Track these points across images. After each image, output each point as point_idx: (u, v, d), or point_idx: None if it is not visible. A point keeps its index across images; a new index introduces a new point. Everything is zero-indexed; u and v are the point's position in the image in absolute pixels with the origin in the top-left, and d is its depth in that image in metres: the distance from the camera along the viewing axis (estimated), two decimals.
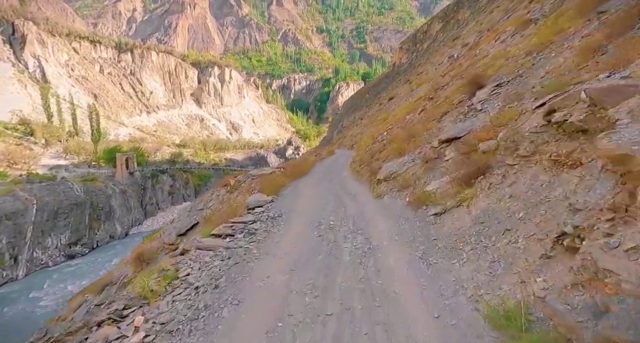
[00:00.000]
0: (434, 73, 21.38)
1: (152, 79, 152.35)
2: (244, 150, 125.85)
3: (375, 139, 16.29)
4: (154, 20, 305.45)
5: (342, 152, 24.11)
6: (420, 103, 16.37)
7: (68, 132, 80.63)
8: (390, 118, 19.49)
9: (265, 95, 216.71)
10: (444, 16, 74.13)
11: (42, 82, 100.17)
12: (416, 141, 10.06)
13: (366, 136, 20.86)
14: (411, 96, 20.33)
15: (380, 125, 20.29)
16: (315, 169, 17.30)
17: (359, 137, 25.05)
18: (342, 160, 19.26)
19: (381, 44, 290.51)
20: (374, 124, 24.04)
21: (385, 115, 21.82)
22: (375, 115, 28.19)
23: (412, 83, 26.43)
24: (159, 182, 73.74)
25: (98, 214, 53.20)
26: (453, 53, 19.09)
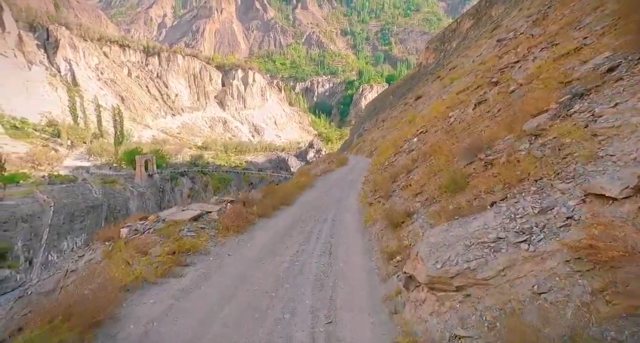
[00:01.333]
0: (472, 65, 18.34)
1: (178, 81, 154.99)
2: (265, 152, 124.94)
3: (400, 147, 13.11)
4: (182, 25, 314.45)
5: (358, 161, 21.34)
6: (466, 96, 12.38)
7: (93, 133, 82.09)
8: (418, 119, 16.58)
9: (288, 98, 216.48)
10: (475, 13, 69.78)
11: (72, 85, 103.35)
12: (498, 163, 4.90)
13: (387, 142, 17.95)
14: (445, 92, 17.42)
15: (406, 127, 17.45)
16: (307, 193, 13.08)
17: (379, 142, 22.26)
18: (352, 177, 16.09)
19: (406, 45, 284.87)
20: (397, 127, 21.21)
21: (411, 115, 18.97)
22: (399, 116, 25.25)
23: (443, 79, 23.31)
24: (178, 184, 73.32)
25: (115, 217, 52.57)
26: (503, 36, 16.06)
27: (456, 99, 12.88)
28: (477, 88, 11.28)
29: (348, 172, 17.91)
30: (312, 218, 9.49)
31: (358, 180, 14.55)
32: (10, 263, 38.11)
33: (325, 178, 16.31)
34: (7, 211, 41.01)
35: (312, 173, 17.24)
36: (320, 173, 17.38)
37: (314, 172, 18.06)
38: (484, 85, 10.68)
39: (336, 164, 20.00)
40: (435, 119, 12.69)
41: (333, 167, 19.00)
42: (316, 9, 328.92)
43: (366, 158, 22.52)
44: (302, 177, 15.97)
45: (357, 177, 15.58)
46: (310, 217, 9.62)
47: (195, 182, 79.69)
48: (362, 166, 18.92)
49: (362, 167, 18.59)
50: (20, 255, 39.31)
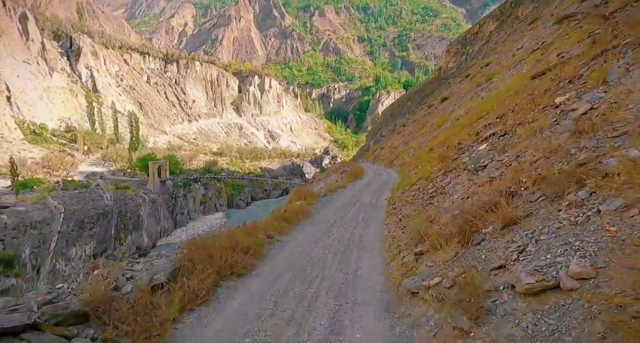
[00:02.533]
0: (519, 56, 15.88)
1: (195, 88, 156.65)
2: (280, 159, 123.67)
3: (451, 159, 8.87)
4: (202, 33, 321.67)
5: (376, 173, 18.34)
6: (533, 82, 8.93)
7: (109, 139, 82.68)
8: (453, 121, 14.16)
9: (304, 104, 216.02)
10: (500, 15, 66.66)
11: (92, 91, 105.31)
12: None
13: (415, 150, 15.54)
14: (484, 90, 14.94)
15: (434, 131, 15.15)
16: (294, 235, 8.65)
17: (401, 150, 19.82)
18: (369, 199, 12.64)
19: (424, 51, 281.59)
20: (421, 132, 18.87)
21: (440, 119, 16.58)
22: (422, 120, 22.77)
23: (475, 77, 20.86)
24: (191, 191, 72.49)
25: (125, 224, 51.92)
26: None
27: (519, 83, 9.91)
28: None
29: (363, 190, 14.51)
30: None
31: (378, 206, 11.40)
32: (17, 271, 37.35)
33: (331, 201, 12.65)
34: (17, 217, 40.52)
35: (314, 192, 13.67)
36: (325, 193, 13.84)
37: (319, 188, 15.62)
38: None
39: (348, 177, 16.55)
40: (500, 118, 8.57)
41: (344, 182, 15.41)
42: (333, 16, 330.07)
43: (385, 168, 19.82)
44: (298, 200, 12.37)
45: (377, 199, 12.47)
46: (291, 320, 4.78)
47: (208, 188, 78.81)
48: (383, 181, 16.12)
49: (383, 182, 15.78)
50: (27, 263, 38.55)
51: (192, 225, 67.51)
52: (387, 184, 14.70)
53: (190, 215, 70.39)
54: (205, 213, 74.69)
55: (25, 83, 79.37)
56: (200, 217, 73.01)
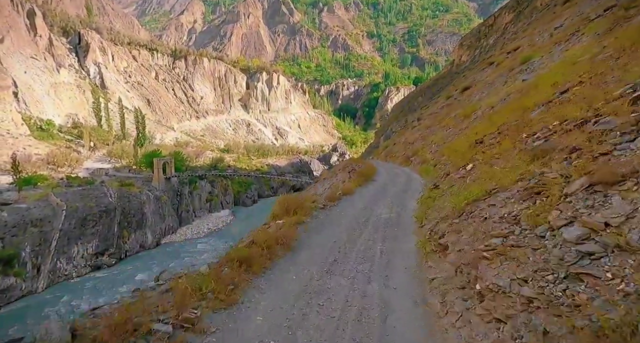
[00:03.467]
0: (551, 38, 13.91)
1: (203, 84, 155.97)
2: (287, 156, 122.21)
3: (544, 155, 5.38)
4: (211, 30, 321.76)
5: (391, 173, 16.00)
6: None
7: (116, 135, 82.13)
8: (483, 111, 12.08)
9: (313, 101, 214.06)
10: (516, 6, 63.68)
11: (100, 87, 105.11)
12: None
13: (447, 145, 13.61)
14: (523, 72, 12.90)
15: (464, 123, 13.23)
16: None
17: (418, 145, 17.89)
18: (386, 213, 9.64)
19: (434, 47, 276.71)
20: (443, 124, 16.89)
21: (467, 109, 14.54)
22: (442, 112, 20.77)
23: (501, 63, 18.85)
24: (196, 188, 71.42)
25: (129, 221, 50.97)
26: None
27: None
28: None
29: (378, 198, 11.38)
30: None
31: (403, 227, 8.31)
32: (17, 270, 36.51)
33: (331, 217, 9.34)
34: (18, 214, 39.71)
35: (307, 202, 9.93)
36: (325, 203, 10.59)
37: (321, 191, 13.61)
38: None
39: (357, 179, 13.70)
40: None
41: (351, 186, 12.26)
42: (342, 12, 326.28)
43: (401, 166, 17.80)
44: (282, 217, 8.93)
45: (399, 213, 9.28)
46: None
47: (214, 185, 77.70)
48: (401, 183, 13.62)
49: (402, 185, 13.23)
50: (27, 262, 37.71)
51: (198, 223, 66.51)
52: (408, 189, 11.94)
53: (195, 212, 69.37)
54: (211, 211, 73.60)
55: (33, 79, 79.18)
56: (206, 214, 71.95)
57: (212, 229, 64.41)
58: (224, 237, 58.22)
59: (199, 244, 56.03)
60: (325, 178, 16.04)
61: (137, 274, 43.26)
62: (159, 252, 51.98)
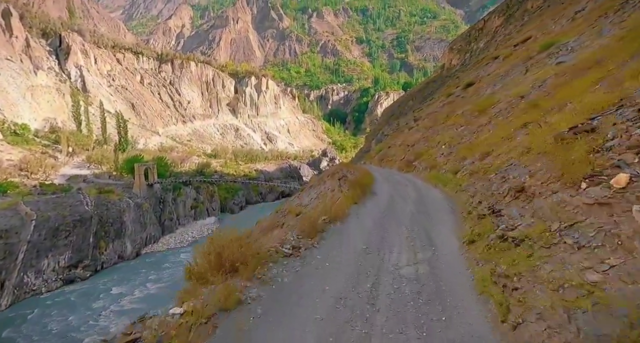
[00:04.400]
0: (571, 23, 12.48)
1: (190, 89, 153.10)
2: (276, 161, 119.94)
3: None
4: (200, 35, 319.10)
5: (392, 181, 13.13)
6: None
7: (96, 140, 78.78)
8: (508, 103, 10.40)
9: (302, 106, 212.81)
10: (506, 9, 63.49)
11: (81, 91, 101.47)
12: None
13: (467, 146, 11.81)
14: (551, 56, 11.33)
15: (481, 118, 11.51)
16: None
17: (422, 148, 15.96)
18: (416, 283, 5.29)
19: (423, 53, 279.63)
20: (450, 123, 14.89)
21: (478, 104, 12.74)
22: (444, 110, 18.99)
23: (509, 56, 17.44)
24: (181, 194, 68.62)
25: (107, 231, 48.02)
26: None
27: None
28: None
29: (385, 225, 7.80)
30: None
31: (447, 306, 4.62)
32: None
33: (301, 274, 5.77)
34: None
35: (278, 224, 7.54)
36: (297, 241, 6.85)
37: (305, 202, 11.20)
38: None
39: (351, 193, 10.23)
40: None
41: (342, 204, 8.82)
42: (332, 18, 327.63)
43: (401, 173, 15.88)
44: (207, 277, 5.17)
45: (429, 264, 5.73)
46: None
47: (200, 192, 74.94)
48: (413, 199, 10.44)
49: (414, 201, 10.14)
50: None
51: (182, 232, 63.68)
52: (427, 208, 8.63)
53: (179, 220, 66.50)
54: (196, 219, 70.79)
55: (7, 81, 75.50)
56: (191, 222, 69.12)
57: (196, 238, 61.58)
58: None
59: (182, 254, 53.22)
60: (312, 186, 14.01)
61: (114, 288, 40.46)
62: (139, 263, 49.08)
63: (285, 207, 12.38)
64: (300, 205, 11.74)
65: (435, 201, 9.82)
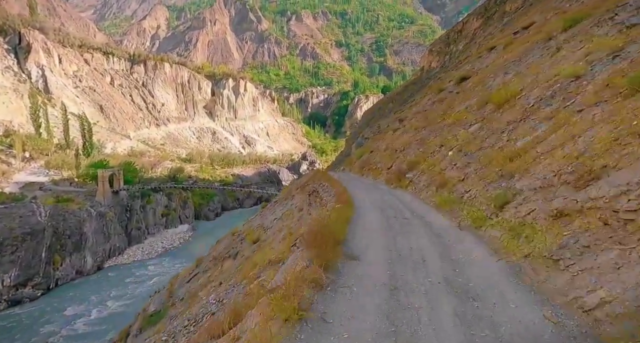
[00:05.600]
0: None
1: (165, 90, 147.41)
2: (254, 165, 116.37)
3: None
4: (176, 36, 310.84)
5: (385, 213, 9.69)
6: None
7: (57, 145, 73.15)
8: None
9: (282, 109, 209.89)
10: (484, 12, 63.31)
11: (43, 92, 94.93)
12: None
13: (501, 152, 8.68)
14: (591, 34, 8.96)
15: (501, 114, 9.19)
16: None
17: (415, 154, 13.13)
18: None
19: (402, 57, 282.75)
20: (449, 121, 11.79)
21: (491, 96, 10.17)
22: (437, 108, 16.56)
23: (511, 44, 15.52)
24: (150, 202, 64.38)
25: (63, 244, 43.66)
26: None
27: None
28: None
29: None
30: None
31: None
32: None
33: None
34: None
35: (231, 254, 6.34)
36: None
37: (267, 225, 8.68)
38: None
39: (314, 244, 5.34)
40: None
41: (301, 283, 4.31)
42: (311, 21, 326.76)
43: (392, 188, 12.84)
44: None
45: None
46: None
47: (172, 198, 70.78)
48: (438, 270, 5.47)
49: (442, 275, 5.25)
50: None
51: (151, 242, 59.54)
52: (481, 313, 4.20)
53: (149, 229, 62.25)
54: (168, 227, 66.70)
55: None
56: (162, 231, 64.99)
57: (167, 248, 57.74)
58: (180, 256, 51.98)
59: (149, 266, 49.43)
60: (279, 202, 11.55)
61: (68, 308, 36.41)
62: (100, 278, 44.91)
63: (245, 228, 10.00)
64: (261, 226, 9.38)
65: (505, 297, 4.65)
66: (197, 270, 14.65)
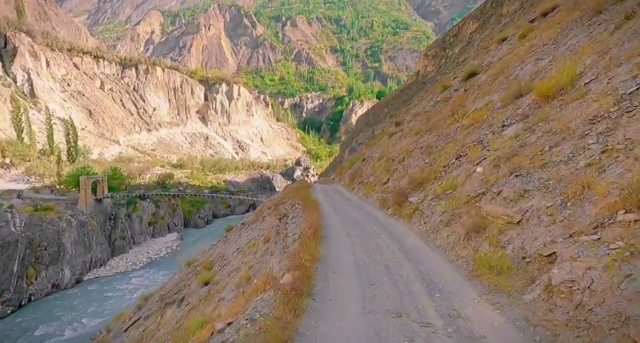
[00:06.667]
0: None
1: (156, 95, 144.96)
2: (247, 171, 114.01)
3: None
4: (170, 41, 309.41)
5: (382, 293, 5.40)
6: None
7: (40, 150, 70.37)
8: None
9: (276, 114, 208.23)
10: (480, 15, 62.31)
11: (29, 96, 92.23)
12: None
13: None
14: None
15: (553, 106, 6.16)
16: None
17: (421, 167, 10.33)
18: None
19: (396, 63, 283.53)
20: (466, 123, 9.80)
21: (522, 89, 8.18)
22: (443, 109, 14.10)
23: (531, 31, 13.62)
24: (137, 209, 61.75)
25: (39, 256, 40.96)
26: None
27: None
28: None
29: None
30: None
31: None
32: None
33: None
34: None
35: (175, 300, 5.38)
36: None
37: (227, 254, 6.72)
38: None
39: None
40: None
41: None
42: (306, 27, 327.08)
43: (390, 217, 9.72)
44: None
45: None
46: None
47: (160, 206, 68.14)
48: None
49: None
50: None
51: (136, 252, 56.80)
52: None
53: (134, 238, 59.54)
54: (155, 236, 63.99)
55: None
56: (148, 240, 62.27)
57: (153, 258, 55.05)
58: (166, 267, 49.37)
59: (132, 278, 46.76)
60: (247, 225, 9.52)
61: (40, 326, 33.66)
62: (78, 293, 42.16)
63: (203, 259, 8.06)
64: (222, 257, 7.41)
65: None
66: (140, 314, 12.40)
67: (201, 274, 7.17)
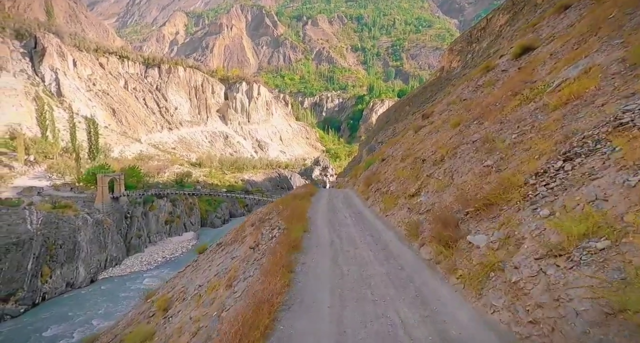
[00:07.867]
0: None
1: (178, 94, 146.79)
2: (265, 170, 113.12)
3: None
4: (194, 42, 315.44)
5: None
6: None
7: (63, 148, 71.66)
8: None
9: (296, 113, 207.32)
10: (511, 6, 58.23)
11: (55, 95, 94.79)
12: None
13: None
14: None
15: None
16: None
17: (475, 173, 6.94)
18: None
19: (418, 61, 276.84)
20: (555, 103, 6.20)
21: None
22: (491, 92, 11.12)
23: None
24: (153, 208, 61.57)
25: (54, 254, 40.85)
26: None
27: None
28: None
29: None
30: None
31: None
32: None
33: None
34: None
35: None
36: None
37: (161, 311, 5.05)
38: None
39: None
40: None
41: None
42: (326, 25, 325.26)
43: (423, 260, 6.21)
44: None
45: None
46: None
47: (177, 205, 67.86)
48: None
49: None
50: None
51: (151, 251, 56.45)
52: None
53: (150, 237, 59.32)
54: (171, 235, 63.67)
55: None
56: (164, 239, 61.98)
57: (167, 258, 54.50)
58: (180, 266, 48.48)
59: (146, 278, 46.10)
60: (220, 245, 7.54)
61: (51, 326, 33.18)
62: (92, 292, 41.81)
63: (161, 294, 6.22)
64: (183, 291, 5.51)
65: None
66: None
67: (159, 309, 5.18)
